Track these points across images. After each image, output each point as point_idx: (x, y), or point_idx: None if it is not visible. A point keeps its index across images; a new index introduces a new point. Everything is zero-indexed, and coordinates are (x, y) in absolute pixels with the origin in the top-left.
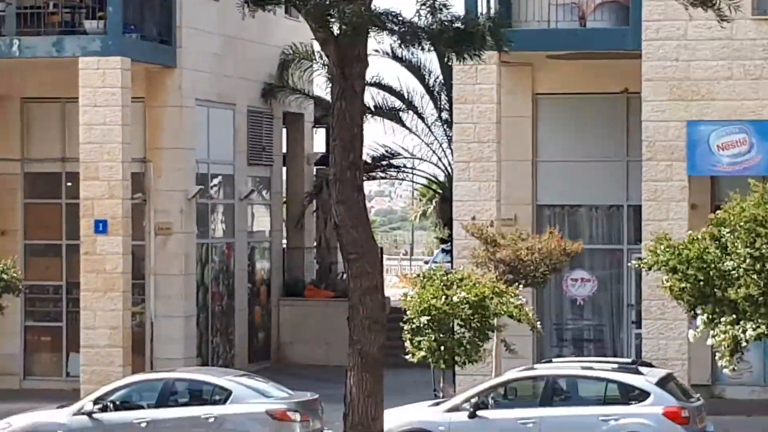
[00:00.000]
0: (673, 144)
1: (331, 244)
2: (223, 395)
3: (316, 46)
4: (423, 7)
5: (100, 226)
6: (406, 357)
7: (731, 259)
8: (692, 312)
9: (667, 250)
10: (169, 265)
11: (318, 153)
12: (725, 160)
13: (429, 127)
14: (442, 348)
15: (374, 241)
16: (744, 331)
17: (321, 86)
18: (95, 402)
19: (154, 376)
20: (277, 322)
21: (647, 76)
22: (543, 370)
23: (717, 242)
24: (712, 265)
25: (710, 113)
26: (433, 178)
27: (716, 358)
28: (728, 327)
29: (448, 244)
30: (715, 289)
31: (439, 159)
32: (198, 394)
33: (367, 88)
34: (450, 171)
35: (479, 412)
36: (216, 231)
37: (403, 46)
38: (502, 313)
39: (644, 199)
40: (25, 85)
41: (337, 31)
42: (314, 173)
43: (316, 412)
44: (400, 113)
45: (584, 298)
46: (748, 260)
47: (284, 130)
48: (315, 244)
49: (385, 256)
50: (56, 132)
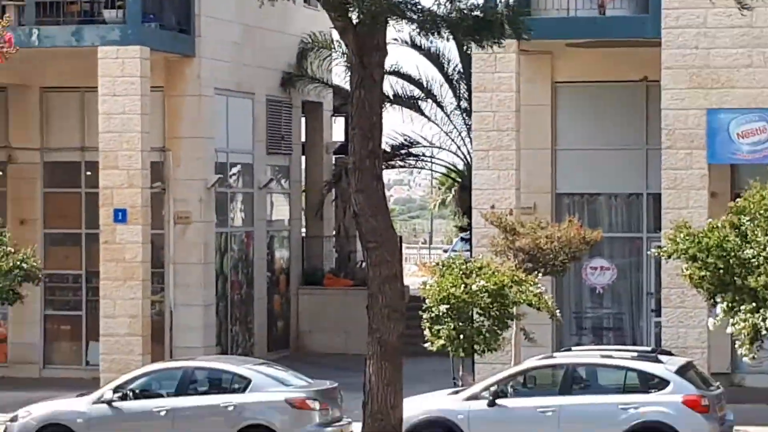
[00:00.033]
0: (693, 132)
1: (350, 232)
2: (243, 384)
3: (335, 34)
4: None
5: (120, 215)
6: (425, 345)
7: (751, 247)
8: (712, 300)
9: (687, 238)
10: (189, 254)
11: (337, 142)
12: (745, 148)
13: (448, 116)
14: (461, 336)
15: (393, 229)
16: (764, 320)
17: (340, 75)
18: (115, 390)
19: (174, 364)
20: (296, 311)
21: (667, 64)
22: (562, 358)
23: (737, 230)
24: (732, 254)
25: (730, 101)
26: (452, 167)
27: (736, 346)
28: (748, 315)
29: (467, 233)
30: (735, 278)
31: (458, 147)
32: (217, 383)
33: (386, 76)
34: (469, 159)
35: (498, 401)
36: (235, 220)
37: (422, 34)
38: (521, 301)
39: (664, 188)
40: (45, 74)
41: (356, 20)
42: (333, 162)
43: (336, 401)
44: (419, 102)
45: (603, 287)
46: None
47: (303, 119)
48: (334, 233)
49: (404, 245)
50: (75, 121)
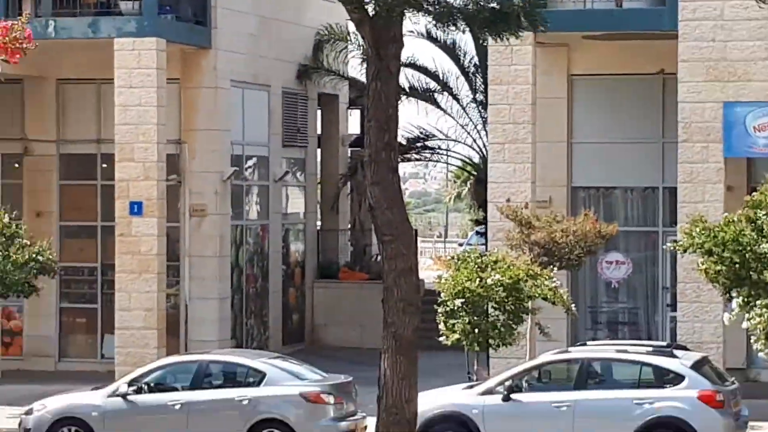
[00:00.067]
0: (709, 125)
1: (366, 225)
2: (257, 377)
3: (351, 26)
4: None
5: (135, 208)
6: (440, 339)
7: (767, 242)
8: (728, 295)
9: (703, 232)
10: (204, 247)
11: (353, 134)
12: (761, 142)
13: (464, 109)
14: (476, 330)
15: (409, 222)
16: None
17: (356, 67)
18: (130, 384)
19: (189, 358)
20: (311, 305)
21: (683, 57)
22: (577, 353)
23: (753, 224)
24: (748, 248)
25: (747, 94)
26: (467, 160)
27: (751, 341)
28: (764, 310)
29: (483, 226)
30: (751, 272)
31: (474, 140)
32: (232, 376)
33: (402, 69)
34: (485, 152)
35: (513, 395)
36: (250, 213)
37: (438, 26)
38: (537, 295)
39: (680, 181)
40: (61, 66)
41: (373, 12)
42: (349, 155)
43: (350, 395)
44: (435, 94)
45: (619, 281)
46: None
47: (319, 112)
48: (349, 226)
49: (419, 239)
50: (91, 113)
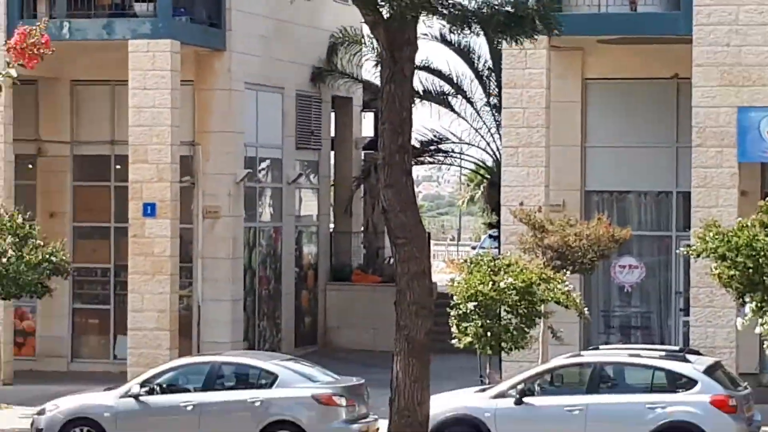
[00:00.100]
0: (724, 130)
1: (379, 228)
2: (270, 379)
3: (366, 29)
4: None
5: (149, 209)
6: (453, 342)
7: None
8: (741, 300)
9: (716, 237)
10: (217, 249)
11: (366, 137)
12: None
13: (477, 112)
14: (489, 334)
15: (422, 225)
16: None
17: (369, 70)
18: (142, 385)
19: (201, 359)
20: (323, 307)
21: (698, 62)
22: (590, 357)
23: (767, 229)
24: (762, 253)
25: (761, 99)
26: (481, 163)
27: (764, 346)
28: None
29: (496, 230)
30: (765, 277)
31: (488, 144)
32: (244, 378)
33: (416, 72)
34: (498, 156)
35: (525, 399)
36: (264, 215)
37: (452, 30)
38: (549, 299)
39: (694, 186)
40: (75, 67)
41: (387, 15)
42: (362, 158)
43: (362, 397)
44: (449, 98)
45: (632, 285)
46: None
47: (333, 114)
48: (362, 229)
49: (432, 242)
50: (105, 115)
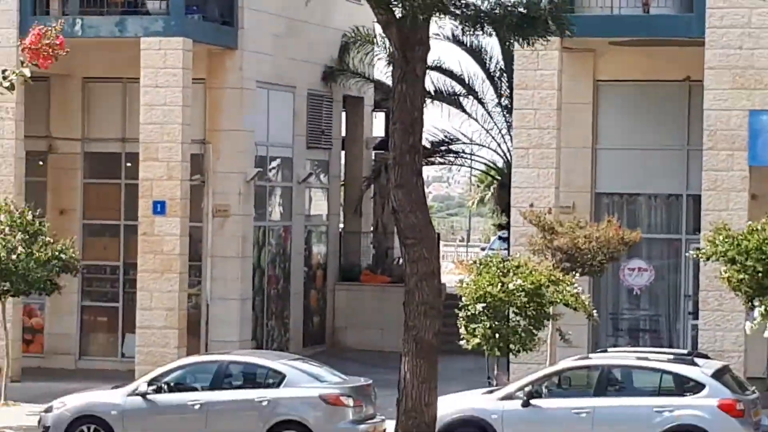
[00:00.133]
0: (735, 133)
1: (388, 229)
2: (277, 379)
3: (378, 29)
4: None
5: (159, 207)
6: (461, 344)
7: None
8: (750, 303)
9: (726, 240)
10: (226, 248)
11: (377, 137)
12: None
13: (488, 113)
14: (497, 335)
15: (432, 226)
16: None
17: (381, 70)
18: (149, 383)
19: (209, 358)
20: (332, 307)
21: (710, 64)
22: (598, 359)
23: None
24: None
25: None
26: (491, 164)
27: None
28: None
29: (506, 231)
30: None
31: (498, 145)
32: (252, 377)
33: (427, 72)
34: (509, 157)
35: (533, 401)
36: (273, 214)
37: (465, 31)
38: (558, 301)
39: (704, 189)
40: (87, 64)
41: (400, 15)
42: (373, 157)
43: (370, 398)
44: (460, 98)
45: (641, 288)
46: None
47: (344, 114)
48: (372, 229)
49: (441, 242)
50: (117, 112)
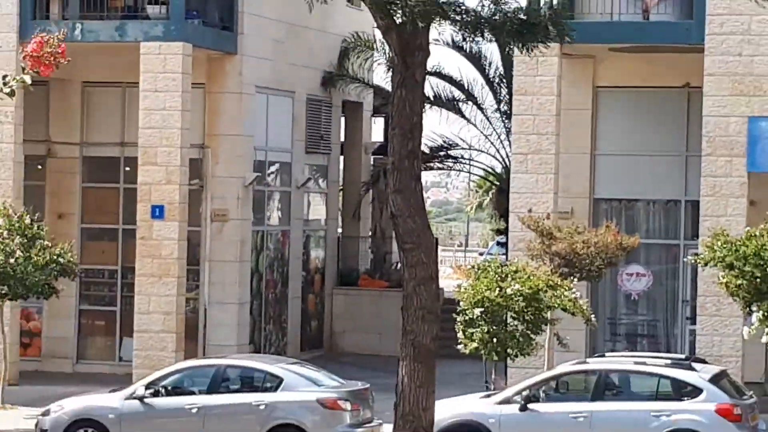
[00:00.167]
0: (734, 139)
1: (387, 233)
2: (275, 383)
3: (377, 34)
4: None
5: (157, 212)
6: (459, 348)
7: None
8: (748, 309)
9: (724, 246)
10: (225, 252)
11: (376, 142)
12: None
13: (488, 118)
14: (495, 340)
15: (430, 231)
16: None
17: (380, 75)
18: (147, 387)
19: (206, 362)
20: (330, 311)
21: (709, 71)
22: (595, 364)
23: None
24: None
25: None
26: (490, 170)
27: None
28: None
29: (504, 236)
30: None
31: (497, 150)
32: (249, 381)
33: (427, 77)
34: (507, 163)
35: (530, 405)
36: (272, 218)
37: (465, 37)
38: (556, 306)
39: (702, 195)
40: (86, 69)
41: (400, 20)
42: (371, 162)
43: (367, 402)
44: (460, 103)
45: (639, 293)
46: None
47: (343, 119)
48: (370, 234)
49: (440, 248)
50: (116, 116)
